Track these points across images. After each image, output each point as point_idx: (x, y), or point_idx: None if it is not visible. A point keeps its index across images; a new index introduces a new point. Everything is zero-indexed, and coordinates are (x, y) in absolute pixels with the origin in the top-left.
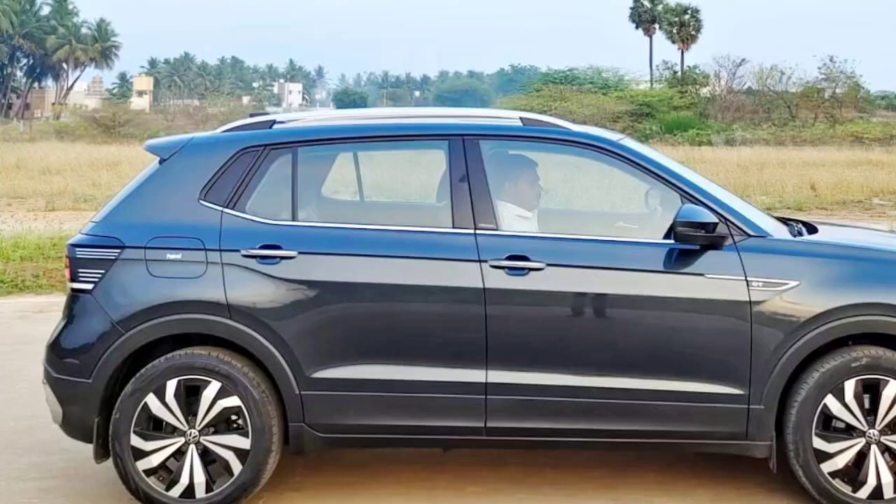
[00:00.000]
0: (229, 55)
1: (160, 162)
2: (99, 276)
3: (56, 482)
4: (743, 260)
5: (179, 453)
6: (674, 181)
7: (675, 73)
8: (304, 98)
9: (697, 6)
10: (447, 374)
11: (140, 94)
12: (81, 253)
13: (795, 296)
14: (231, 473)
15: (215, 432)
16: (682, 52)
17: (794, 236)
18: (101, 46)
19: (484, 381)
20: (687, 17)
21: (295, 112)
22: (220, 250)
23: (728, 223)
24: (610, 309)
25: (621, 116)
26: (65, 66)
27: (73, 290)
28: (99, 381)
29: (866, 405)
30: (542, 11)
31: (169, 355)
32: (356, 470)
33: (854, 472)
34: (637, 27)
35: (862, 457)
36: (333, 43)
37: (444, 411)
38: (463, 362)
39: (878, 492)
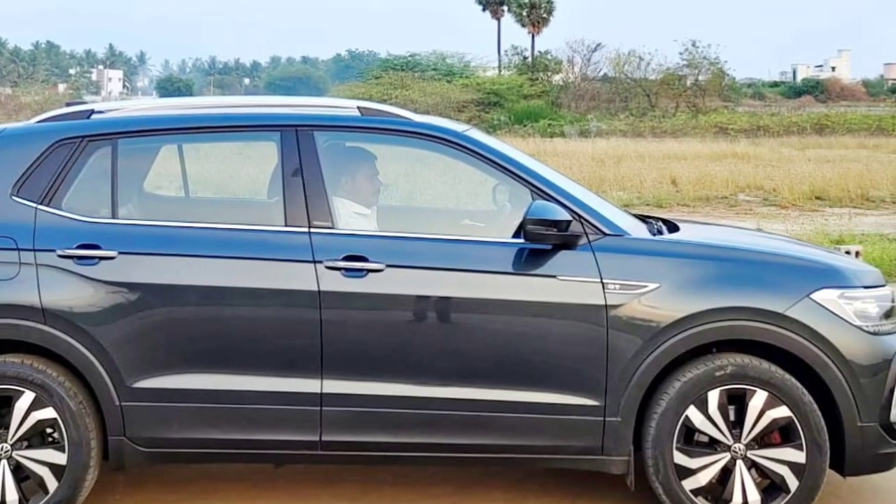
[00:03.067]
0: (44, 40)
1: None
2: None
3: None
4: (598, 260)
5: None
6: (524, 175)
7: (526, 58)
8: (124, 86)
9: None
10: (279, 384)
11: None
12: None
13: (655, 299)
14: (46, 491)
15: (29, 446)
16: (533, 37)
17: (654, 235)
18: None
19: (319, 391)
20: None
21: (115, 101)
22: (35, 250)
23: (582, 221)
24: (454, 313)
25: (467, 106)
26: None
27: None
28: None
29: (731, 417)
30: None
31: None
32: (181, 487)
33: (718, 490)
34: (484, 9)
35: (727, 473)
36: (156, 26)
37: (275, 424)
38: (296, 371)
39: None
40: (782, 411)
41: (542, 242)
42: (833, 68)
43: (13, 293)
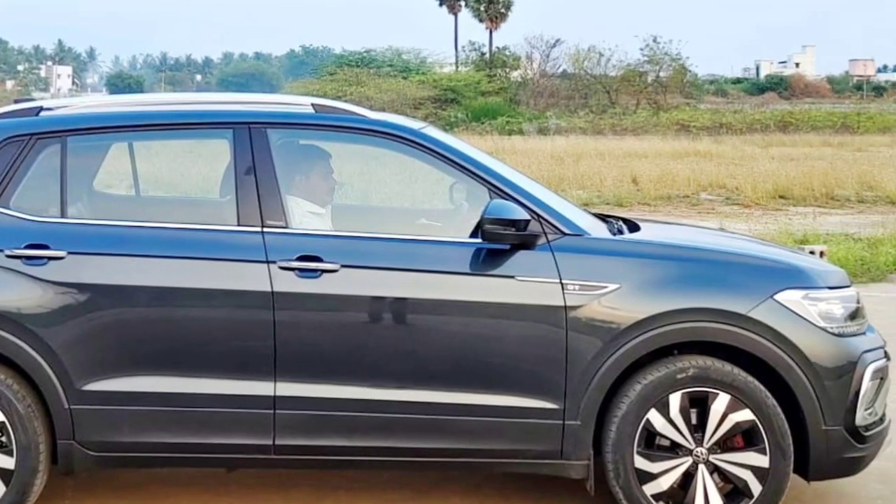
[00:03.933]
0: None
1: None
2: None
3: None
4: (557, 261)
5: None
6: (481, 174)
7: (483, 54)
8: (74, 82)
9: None
10: (231, 387)
11: None
12: None
13: (615, 300)
14: None
15: None
16: (491, 32)
17: (614, 235)
18: None
19: (272, 394)
20: None
21: (64, 98)
22: None
23: (541, 220)
24: (411, 315)
25: (424, 103)
26: None
27: None
28: None
29: (693, 420)
30: None
31: None
32: (131, 492)
33: (680, 495)
34: (441, 4)
35: (689, 477)
36: (106, 22)
37: (228, 427)
38: (249, 374)
39: None
40: (745, 415)
41: (499, 242)
42: (797, 64)
43: None
